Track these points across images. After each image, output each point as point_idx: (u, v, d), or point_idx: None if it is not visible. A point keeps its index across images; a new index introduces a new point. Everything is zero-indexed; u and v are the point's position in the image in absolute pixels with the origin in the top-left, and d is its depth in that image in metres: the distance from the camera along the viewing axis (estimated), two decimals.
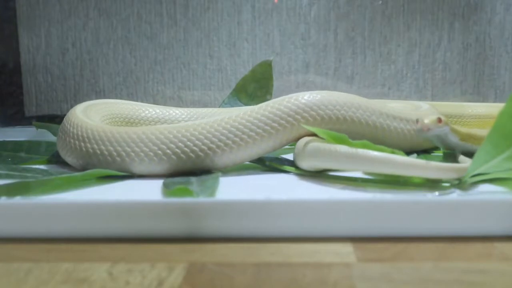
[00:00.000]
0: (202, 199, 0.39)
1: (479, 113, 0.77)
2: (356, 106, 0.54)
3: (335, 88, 0.96)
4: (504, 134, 0.44)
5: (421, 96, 0.95)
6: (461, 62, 0.95)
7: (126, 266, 0.32)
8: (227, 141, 0.50)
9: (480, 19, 0.94)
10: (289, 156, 0.58)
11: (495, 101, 0.93)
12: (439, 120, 0.48)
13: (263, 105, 0.53)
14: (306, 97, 0.53)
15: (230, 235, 0.36)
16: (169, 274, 0.31)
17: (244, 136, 0.51)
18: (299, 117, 0.52)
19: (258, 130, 0.52)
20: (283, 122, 0.52)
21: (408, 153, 0.55)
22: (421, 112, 0.62)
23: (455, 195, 0.42)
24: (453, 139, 0.52)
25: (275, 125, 0.52)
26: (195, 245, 0.35)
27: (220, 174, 0.49)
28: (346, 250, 0.34)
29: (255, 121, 0.52)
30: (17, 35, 0.99)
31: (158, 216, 0.36)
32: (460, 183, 0.44)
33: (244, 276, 0.30)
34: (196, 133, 0.50)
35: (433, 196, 0.41)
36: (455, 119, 0.77)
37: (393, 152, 0.47)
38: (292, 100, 0.53)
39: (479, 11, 0.94)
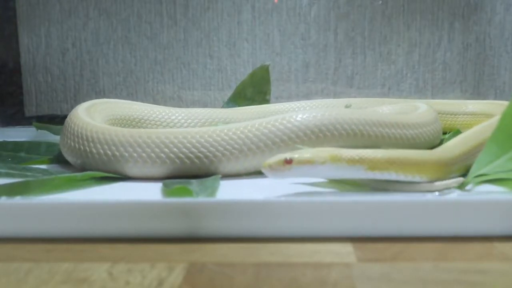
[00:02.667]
0: (202, 199, 0.39)
1: (476, 110, 0.77)
2: (358, 121, 0.55)
3: (335, 88, 0.96)
4: (508, 134, 0.44)
5: (421, 96, 0.95)
6: (461, 62, 0.95)
7: (126, 266, 0.32)
8: (224, 151, 0.50)
9: (480, 19, 0.94)
10: None
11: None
12: (287, 161, 0.41)
13: (272, 119, 0.53)
14: (313, 115, 0.53)
15: (230, 235, 0.36)
16: (169, 274, 0.31)
17: (244, 148, 0.51)
18: (309, 132, 0.52)
19: (259, 143, 0.51)
20: (293, 136, 0.52)
21: None
22: (410, 116, 0.61)
23: (455, 195, 0.42)
24: (343, 173, 0.43)
25: (285, 138, 0.52)
26: (195, 245, 0.35)
27: (220, 175, 0.49)
28: (346, 250, 0.34)
29: (252, 136, 0.51)
30: (17, 35, 0.99)
31: (158, 216, 0.36)
32: (461, 184, 0.44)
33: (244, 276, 0.30)
34: (197, 140, 0.50)
35: (433, 196, 0.41)
36: (452, 116, 0.77)
37: None
38: (300, 117, 0.53)
39: (479, 11, 0.94)
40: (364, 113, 0.56)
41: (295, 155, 0.42)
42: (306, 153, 0.42)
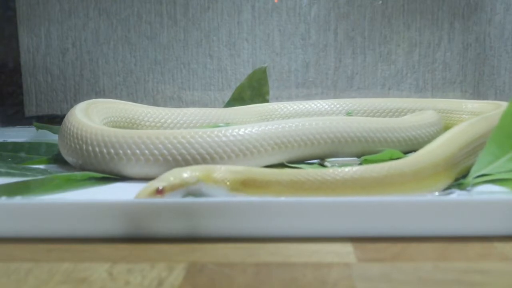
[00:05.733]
0: (202, 199, 0.39)
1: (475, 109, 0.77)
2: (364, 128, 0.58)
3: (335, 88, 0.96)
4: (508, 134, 0.44)
5: (421, 96, 0.95)
6: (461, 62, 0.95)
7: (126, 266, 0.32)
8: (218, 152, 0.51)
9: (480, 19, 0.94)
10: None
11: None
12: (158, 191, 0.39)
13: (268, 123, 0.55)
14: (308, 123, 0.56)
15: (230, 235, 0.36)
16: (169, 274, 0.31)
17: (235, 149, 0.51)
18: (305, 138, 0.55)
19: (253, 145, 0.52)
20: (281, 141, 0.54)
21: (406, 152, 0.57)
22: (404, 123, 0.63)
23: (455, 195, 0.42)
24: (209, 192, 0.41)
25: (271, 143, 0.53)
26: (195, 245, 0.35)
27: None
28: (346, 250, 0.34)
29: (245, 138, 0.52)
30: (17, 35, 0.99)
31: (158, 216, 0.36)
32: (461, 184, 0.44)
33: (244, 276, 0.30)
34: (194, 140, 0.50)
35: (433, 196, 0.41)
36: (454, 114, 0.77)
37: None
38: (294, 124, 0.55)
39: (479, 11, 0.94)
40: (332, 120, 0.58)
41: (165, 182, 0.40)
42: (178, 175, 0.40)
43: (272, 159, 0.54)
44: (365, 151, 0.58)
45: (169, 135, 0.50)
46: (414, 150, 0.58)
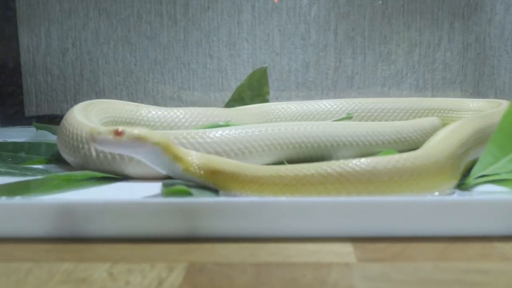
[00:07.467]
0: (202, 199, 0.39)
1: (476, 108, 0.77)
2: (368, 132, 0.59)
3: (335, 88, 0.96)
4: (508, 135, 0.44)
5: (421, 96, 0.95)
6: (461, 62, 0.95)
7: (126, 266, 0.32)
8: (217, 152, 0.51)
9: (480, 19, 0.94)
10: None
11: None
12: (118, 132, 0.39)
13: (267, 124, 0.56)
14: (303, 127, 0.57)
15: (230, 235, 0.36)
16: (169, 274, 0.31)
17: (235, 148, 0.52)
18: (301, 141, 0.56)
19: (250, 146, 0.53)
20: (276, 143, 0.54)
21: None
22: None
23: (455, 195, 0.42)
24: (166, 164, 0.42)
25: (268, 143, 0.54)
26: (195, 245, 0.35)
27: None
28: (346, 250, 0.34)
29: (247, 139, 0.53)
30: (17, 35, 0.99)
31: (158, 216, 0.36)
32: (462, 184, 0.44)
33: (244, 276, 0.30)
34: (194, 140, 0.51)
35: (433, 196, 0.41)
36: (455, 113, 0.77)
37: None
38: (285, 128, 0.56)
39: (479, 11, 0.94)
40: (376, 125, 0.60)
41: (131, 129, 0.40)
42: (144, 130, 0.40)
43: (269, 159, 0.54)
44: (363, 153, 0.58)
45: (169, 136, 0.50)
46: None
